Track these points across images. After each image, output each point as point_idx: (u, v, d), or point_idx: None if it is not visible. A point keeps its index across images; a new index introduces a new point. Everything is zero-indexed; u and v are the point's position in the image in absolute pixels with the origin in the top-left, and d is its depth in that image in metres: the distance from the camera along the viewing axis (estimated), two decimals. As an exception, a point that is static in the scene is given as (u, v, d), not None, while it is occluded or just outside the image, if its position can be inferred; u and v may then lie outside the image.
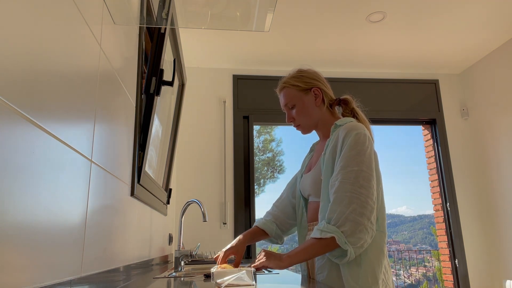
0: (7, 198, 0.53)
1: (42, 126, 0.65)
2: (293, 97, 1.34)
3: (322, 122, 1.35)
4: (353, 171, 1.11)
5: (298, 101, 1.34)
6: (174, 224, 3.08)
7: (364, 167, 1.12)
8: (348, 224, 1.06)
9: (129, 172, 1.34)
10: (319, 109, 1.34)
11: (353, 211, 1.07)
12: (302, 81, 1.34)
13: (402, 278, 6.79)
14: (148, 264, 1.68)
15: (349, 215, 1.07)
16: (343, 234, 1.06)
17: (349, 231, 1.06)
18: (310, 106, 1.33)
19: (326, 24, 2.93)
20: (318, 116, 1.34)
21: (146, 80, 1.58)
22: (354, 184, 1.10)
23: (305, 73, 1.36)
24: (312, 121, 1.35)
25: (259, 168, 3.68)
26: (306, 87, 1.34)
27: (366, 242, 1.08)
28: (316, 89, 1.34)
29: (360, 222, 1.06)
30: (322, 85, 1.36)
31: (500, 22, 2.98)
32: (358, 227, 1.06)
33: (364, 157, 1.13)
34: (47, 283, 0.66)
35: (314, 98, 1.34)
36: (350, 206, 1.08)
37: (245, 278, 1.00)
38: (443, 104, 3.76)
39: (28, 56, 0.60)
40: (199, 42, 3.15)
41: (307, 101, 1.33)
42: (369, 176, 1.11)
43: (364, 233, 1.07)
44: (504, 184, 3.27)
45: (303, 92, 1.34)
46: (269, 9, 1.13)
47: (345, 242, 1.06)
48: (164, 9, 1.60)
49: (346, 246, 1.06)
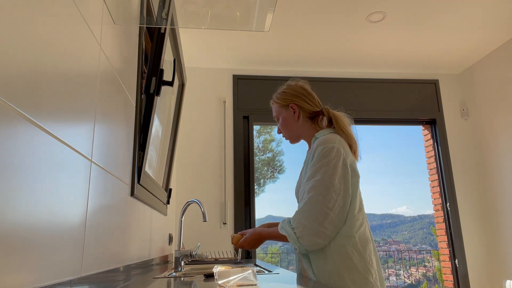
0: (7, 198, 0.53)
1: (42, 126, 0.65)
2: (277, 111, 1.52)
3: (304, 134, 1.49)
4: (315, 181, 1.27)
5: (280, 116, 1.51)
6: (174, 224, 3.08)
7: (326, 177, 1.26)
8: (301, 227, 1.24)
9: (129, 172, 1.34)
10: (298, 122, 1.48)
11: (308, 216, 1.23)
12: (282, 98, 1.51)
13: (402, 278, 6.79)
14: (148, 264, 1.68)
15: (304, 220, 1.24)
16: (295, 235, 1.24)
17: (301, 233, 1.23)
18: (289, 120, 1.49)
19: (326, 24, 2.93)
20: (298, 129, 1.48)
21: (146, 80, 1.58)
22: (314, 193, 1.25)
23: (288, 90, 1.51)
24: (293, 133, 1.50)
25: (259, 168, 3.69)
26: (284, 103, 1.49)
27: (317, 243, 1.24)
28: (293, 105, 1.48)
29: (312, 227, 1.22)
30: (301, 100, 1.48)
31: (500, 22, 2.98)
32: (309, 230, 1.23)
33: (327, 168, 1.27)
34: (47, 283, 0.66)
35: (292, 113, 1.48)
36: (307, 212, 1.24)
37: (250, 277, 1.00)
38: (443, 104, 3.76)
39: (28, 56, 0.60)
40: (199, 42, 3.15)
41: (286, 115, 1.49)
42: (329, 185, 1.25)
43: (315, 236, 1.23)
44: (504, 184, 3.27)
45: (283, 107, 1.50)
46: (269, 9, 1.13)
47: (295, 241, 1.25)
48: (164, 9, 1.60)
49: (296, 244, 1.26)
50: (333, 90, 3.64)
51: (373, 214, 11.19)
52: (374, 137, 13.71)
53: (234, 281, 0.99)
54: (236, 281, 0.99)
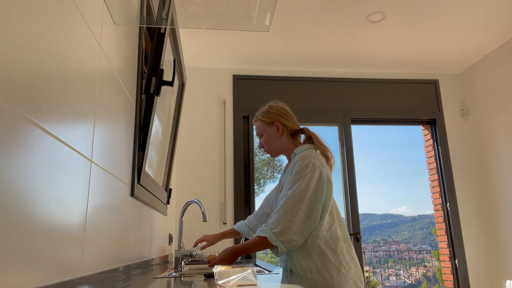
0: (7, 198, 0.53)
1: (42, 126, 0.65)
2: (261, 128, 1.68)
3: (285, 149, 1.67)
4: (292, 189, 1.45)
5: (264, 132, 1.67)
6: (174, 224, 3.08)
7: (302, 186, 1.44)
8: (279, 227, 1.40)
9: (129, 172, 1.34)
10: (280, 138, 1.66)
11: (285, 218, 1.41)
12: (267, 116, 1.67)
13: (402, 278, 6.79)
14: (148, 264, 1.68)
15: (281, 221, 1.41)
16: (274, 234, 1.39)
17: (279, 232, 1.39)
18: (273, 136, 1.66)
19: (326, 24, 2.93)
20: (280, 144, 1.66)
21: (146, 80, 1.58)
22: (291, 199, 1.43)
23: (272, 109, 1.69)
24: (276, 148, 1.68)
25: (259, 168, 3.68)
26: (269, 121, 1.66)
27: (294, 241, 1.40)
28: (278, 123, 1.66)
29: (288, 226, 1.40)
30: (284, 119, 1.67)
31: (499, 22, 2.98)
32: (286, 229, 1.39)
33: (303, 179, 1.46)
34: (47, 283, 0.66)
35: (276, 130, 1.66)
36: (284, 215, 1.42)
37: (250, 277, 1.00)
38: (443, 104, 3.76)
39: (28, 56, 0.60)
40: (199, 42, 3.15)
41: (271, 132, 1.67)
42: (305, 193, 1.44)
43: (292, 234, 1.39)
44: (504, 184, 3.27)
45: (267, 125, 1.67)
46: (269, 9, 1.13)
47: (275, 240, 1.39)
48: (164, 9, 1.60)
49: (275, 243, 1.39)
50: (333, 90, 3.64)
51: (373, 214, 11.17)
52: (374, 137, 13.69)
53: (234, 281, 0.99)
54: (236, 281, 0.99)
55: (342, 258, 1.47)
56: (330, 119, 3.59)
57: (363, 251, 3.44)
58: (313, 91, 3.63)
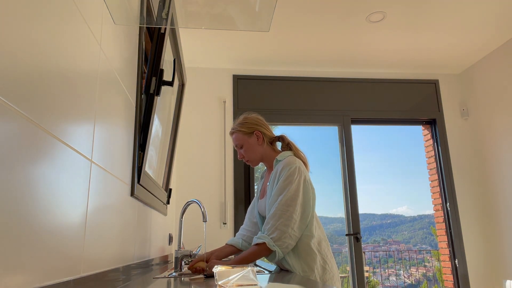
0: (7, 198, 0.53)
1: (42, 126, 0.65)
2: (240, 139, 1.71)
3: (266, 156, 1.72)
4: (283, 195, 1.51)
5: (244, 142, 1.70)
6: (174, 224, 3.08)
7: (292, 191, 1.51)
8: (276, 232, 1.46)
9: (129, 172, 1.34)
10: (261, 147, 1.71)
11: (281, 223, 1.47)
12: (246, 126, 1.71)
13: (402, 278, 6.79)
14: (148, 264, 1.68)
15: (277, 226, 1.47)
16: (272, 240, 1.46)
17: (277, 237, 1.46)
18: (254, 145, 1.70)
19: (326, 24, 2.93)
20: (261, 152, 1.71)
21: (146, 80, 1.58)
22: (283, 204, 1.50)
23: (248, 120, 1.73)
24: (257, 156, 1.72)
25: (259, 168, 3.67)
26: (249, 131, 1.70)
27: (290, 245, 1.48)
28: (257, 132, 1.71)
29: (285, 231, 1.46)
30: (262, 128, 1.72)
31: (500, 22, 2.98)
32: (283, 234, 1.46)
33: (292, 185, 1.53)
34: (47, 283, 0.66)
35: (256, 139, 1.70)
36: (278, 220, 1.48)
37: (250, 277, 1.00)
38: (443, 104, 3.76)
39: (28, 56, 0.60)
40: (199, 42, 3.15)
41: (251, 141, 1.70)
42: (296, 198, 1.51)
43: (288, 238, 1.47)
44: (504, 184, 3.27)
45: (247, 135, 1.70)
46: (269, 9, 1.13)
47: (273, 245, 1.45)
48: (164, 9, 1.60)
49: (274, 248, 1.45)
50: (333, 90, 3.64)
51: (373, 214, 11.17)
52: (374, 137, 13.70)
53: (234, 281, 0.99)
54: (236, 281, 0.99)
55: (325, 256, 1.57)
56: (330, 119, 3.59)
57: (363, 251, 3.44)
58: (313, 91, 3.63)
